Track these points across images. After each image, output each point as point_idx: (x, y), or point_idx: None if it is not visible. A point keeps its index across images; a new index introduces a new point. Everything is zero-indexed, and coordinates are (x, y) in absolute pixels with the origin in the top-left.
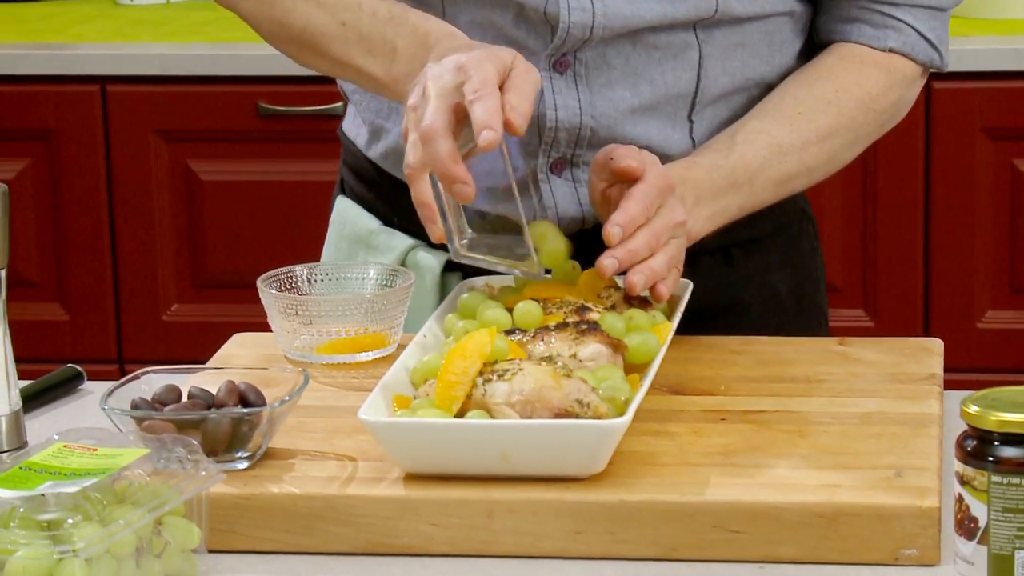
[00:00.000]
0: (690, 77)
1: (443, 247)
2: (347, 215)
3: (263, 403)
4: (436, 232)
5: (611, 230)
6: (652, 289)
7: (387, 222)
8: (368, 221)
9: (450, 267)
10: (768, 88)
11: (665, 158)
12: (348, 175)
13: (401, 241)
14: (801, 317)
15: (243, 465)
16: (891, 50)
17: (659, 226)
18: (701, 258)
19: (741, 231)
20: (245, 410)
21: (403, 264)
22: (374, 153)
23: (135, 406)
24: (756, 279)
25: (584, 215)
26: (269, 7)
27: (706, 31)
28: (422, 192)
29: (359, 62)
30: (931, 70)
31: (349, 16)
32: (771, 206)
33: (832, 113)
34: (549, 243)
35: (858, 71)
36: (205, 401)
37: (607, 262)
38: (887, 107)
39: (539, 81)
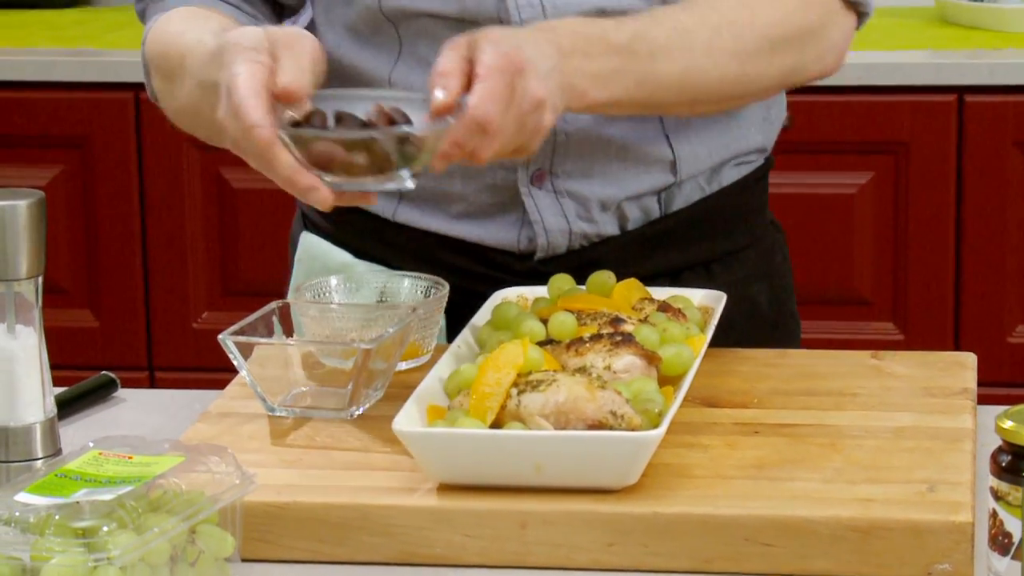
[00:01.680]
0: None
1: (420, 276)
2: (315, 251)
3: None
4: (323, 194)
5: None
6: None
7: (359, 254)
8: (339, 255)
9: None
10: None
11: (644, 155)
12: (311, 211)
13: (381, 273)
14: (782, 327)
15: (411, 184)
16: None
17: (502, 122)
18: (683, 273)
19: (719, 244)
20: (411, 128)
21: (383, 293)
22: None
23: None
24: (737, 291)
25: (570, 228)
26: (172, 99)
27: None
28: (280, 167)
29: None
30: (853, 5)
31: (200, 75)
32: (743, 218)
33: (745, 15)
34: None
35: None
36: (359, 122)
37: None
38: (805, 27)
39: (310, 45)
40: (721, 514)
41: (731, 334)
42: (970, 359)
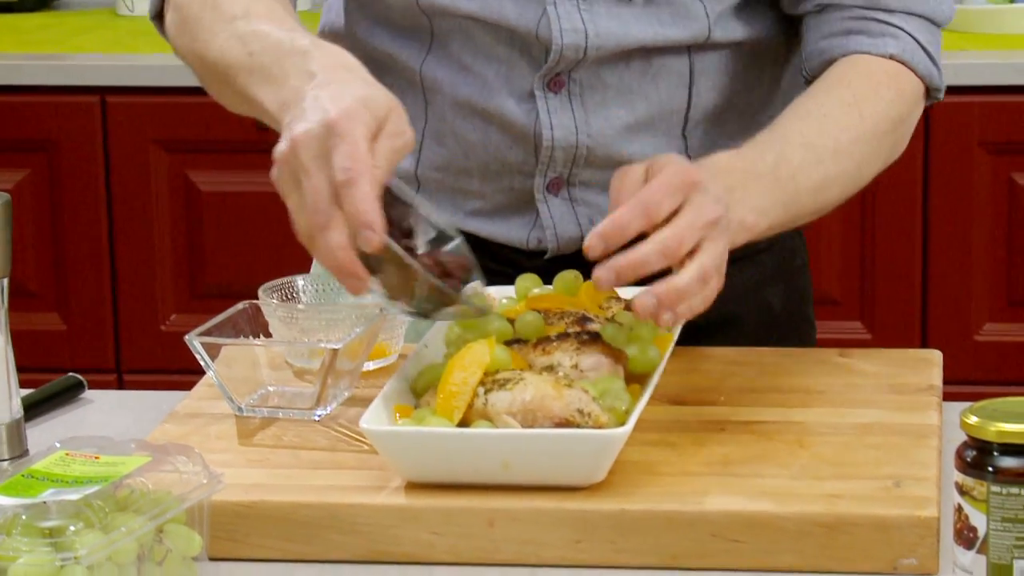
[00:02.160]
0: (682, 94)
1: None
2: None
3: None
4: (361, 287)
5: (589, 241)
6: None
7: None
8: None
9: None
10: (760, 101)
11: None
12: None
13: None
14: (794, 331)
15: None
16: (891, 57)
17: (678, 229)
18: None
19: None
20: (474, 305)
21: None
22: None
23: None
24: (751, 294)
25: (583, 234)
26: (191, 40)
27: (700, 54)
28: (337, 239)
29: (255, 92)
30: (930, 91)
31: (257, 46)
32: None
33: (855, 116)
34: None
35: (868, 77)
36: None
37: (600, 273)
38: (901, 117)
39: (410, 142)
40: (688, 510)
41: (741, 335)
42: (936, 356)
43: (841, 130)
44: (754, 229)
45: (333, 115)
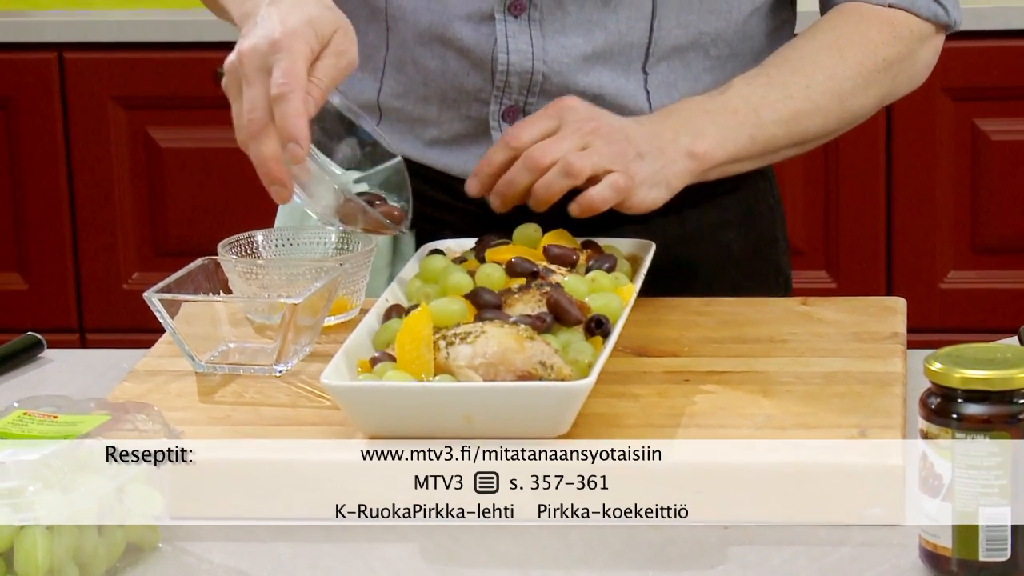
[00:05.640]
0: (643, 26)
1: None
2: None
3: None
4: (285, 195)
5: (467, 183)
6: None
7: None
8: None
9: None
10: (725, 45)
11: (620, 108)
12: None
13: (305, 230)
14: (756, 276)
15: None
16: (890, 6)
17: (540, 145)
18: (653, 218)
19: (696, 188)
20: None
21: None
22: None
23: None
24: (710, 238)
25: None
26: None
27: None
28: (269, 149)
29: (224, 1)
30: (945, 27)
31: None
32: None
33: (835, 56)
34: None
35: (858, 22)
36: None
37: (492, 200)
38: (894, 58)
39: (353, 61)
40: (652, 462)
41: (698, 279)
42: (899, 303)
43: (817, 69)
44: (708, 155)
45: (279, 32)
